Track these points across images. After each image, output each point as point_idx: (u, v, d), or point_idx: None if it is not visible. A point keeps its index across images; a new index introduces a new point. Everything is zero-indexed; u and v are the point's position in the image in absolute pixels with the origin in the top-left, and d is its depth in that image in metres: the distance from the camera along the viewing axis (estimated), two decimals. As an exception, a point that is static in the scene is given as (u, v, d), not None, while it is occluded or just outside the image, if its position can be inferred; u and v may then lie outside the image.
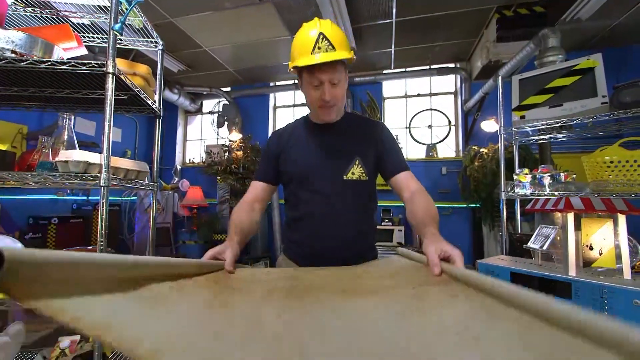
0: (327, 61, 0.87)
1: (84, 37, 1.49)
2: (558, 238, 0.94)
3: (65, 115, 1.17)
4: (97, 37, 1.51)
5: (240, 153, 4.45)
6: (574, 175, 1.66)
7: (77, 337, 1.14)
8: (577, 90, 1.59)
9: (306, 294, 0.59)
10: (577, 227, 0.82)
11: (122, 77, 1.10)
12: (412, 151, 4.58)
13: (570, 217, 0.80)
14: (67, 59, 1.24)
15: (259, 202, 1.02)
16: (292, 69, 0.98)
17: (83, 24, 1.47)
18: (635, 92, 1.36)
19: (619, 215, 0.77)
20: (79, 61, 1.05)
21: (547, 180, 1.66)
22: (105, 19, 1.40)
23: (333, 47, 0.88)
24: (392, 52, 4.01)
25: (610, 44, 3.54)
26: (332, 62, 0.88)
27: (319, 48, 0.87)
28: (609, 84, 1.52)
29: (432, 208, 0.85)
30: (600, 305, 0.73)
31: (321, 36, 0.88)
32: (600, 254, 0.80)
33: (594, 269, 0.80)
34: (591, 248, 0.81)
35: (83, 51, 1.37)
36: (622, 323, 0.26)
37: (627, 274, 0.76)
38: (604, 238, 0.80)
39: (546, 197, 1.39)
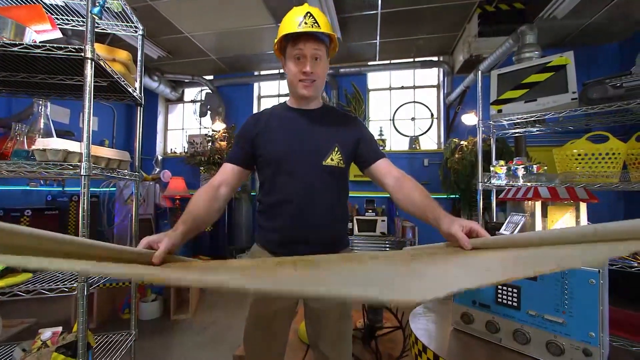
0: (311, 33, 0.92)
1: (57, 19, 1.41)
2: (528, 221, 1.01)
3: (40, 102, 1.12)
4: (71, 19, 1.44)
5: (224, 143, 4.38)
6: (546, 167, 1.76)
7: (59, 329, 1.12)
8: (550, 86, 1.67)
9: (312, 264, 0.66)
10: (544, 214, 0.88)
11: (101, 63, 1.07)
12: (396, 143, 4.66)
13: (538, 205, 0.87)
14: (40, 42, 1.19)
15: (226, 186, 0.97)
16: (275, 47, 1.01)
17: (56, 4, 1.39)
18: (602, 89, 1.45)
19: (581, 203, 0.84)
20: (55, 45, 1.01)
21: (520, 172, 1.75)
22: (81, 0, 1.34)
23: (318, 25, 0.94)
24: (377, 43, 4.02)
25: (583, 43, 3.71)
26: (316, 38, 0.94)
27: (305, 23, 0.92)
28: (581, 81, 1.60)
29: (425, 191, 0.90)
30: (561, 284, 0.80)
31: (308, 14, 0.93)
32: (563, 238, 0.87)
33: (557, 252, 0.88)
34: (555, 233, 0.88)
35: (57, 34, 1.30)
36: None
37: (585, 256, 0.84)
38: (567, 224, 0.87)
39: (517, 187, 1.47)
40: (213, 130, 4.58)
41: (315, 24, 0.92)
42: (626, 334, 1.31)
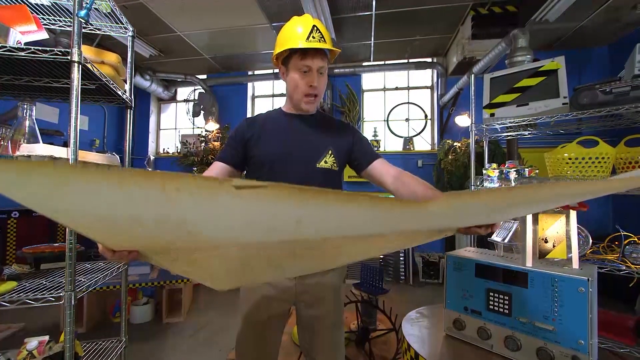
0: (320, 49, 0.94)
1: (43, 19, 1.38)
2: (519, 229, 1.02)
3: (25, 106, 1.09)
4: (59, 19, 1.40)
5: (217, 144, 4.35)
6: (537, 170, 1.78)
7: (46, 338, 1.10)
8: (542, 91, 1.68)
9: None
10: (535, 221, 0.89)
11: (89, 66, 1.04)
12: (390, 144, 4.67)
13: (530, 212, 0.89)
14: (25, 43, 1.16)
15: None
16: (274, 58, 1.02)
17: (42, 4, 1.36)
18: (592, 94, 1.47)
19: (571, 210, 0.85)
20: (40, 48, 0.98)
21: (512, 175, 1.76)
22: (68, 0, 1.30)
23: (324, 40, 0.96)
24: (372, 44, 4.03)
25: (574, 46, 3.76)
26: (323, 52, 0.96)
27: (313, 37, 0.94)
28: (572, 84, 1.62)
29: (426, 182, 0.90)
30: (551, 292, 0.80)
31: (315, 28, 0.95)
32: (554, 246, 0.88)
33: (548, 260, 0.88)
34: (546, 241, 0.89)
35: (43, 35, 1.27)
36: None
37: (575, 264, 0.85)
38: (557, 232, 0.88)
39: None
40: (206, 131, 4.54)
41: (322, 39, 0.95)
42: (614, 335, 1.33)
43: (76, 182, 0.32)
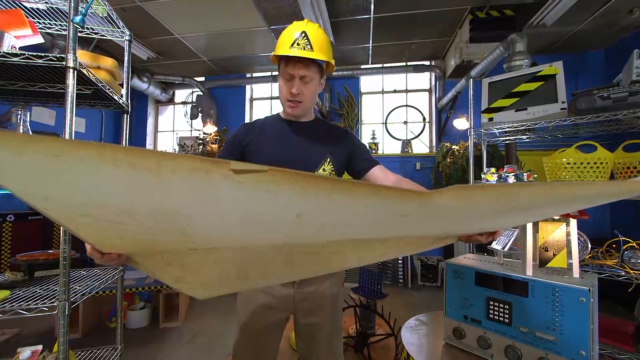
0: (300, 57, 0.92)
1: (39, 23, 1.36)
2: (520, 235, 1.01)
3: (19, 112, 1.08)
4: (55, 23, 1.39)
5: (215, 146, 4.33)
6: (536, 175, 1.78)
7: (39, 347, 1.08)
8: (540, 96, 1.69)
9: None
10: (535, 229, 0.89)
11: (84, 71, 1.03)
12: (388, 147, 4.67)
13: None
14: (19, 48, 1.15)
15: None
16: (272, 56, 1.01)
17: (38, 8, 1.34)
18: (590, 100, 1.47)
19: (571, 219, 0.85)
20: (35, 53, 0.97)
21: (511, 179, 1.76)
22: (64, 4, 1.29)
23: (311, 48, 0.92)
24: (370, 47, 4.03)
25: (571, 49, 3.77)
26: (306, 60, 0.93)
27: (297, 44, 0.92)
28: (569, 87, 1.63)
29: (425, 189, 0.88)
30: (552, 302, 0.80)
31: (303, 34, 0.92)
32: (554, 254, 0.87)
33: (548, 268, 0.88)
34: (546, 249, 0.88)
35: (39, 39, 1.26)
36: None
37: (576, 272, 0.84)
38: (558, 240, 0.87)
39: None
40: (204, 133, 4.52)
41: (308, 46, 0.91)
42: (614, 342, 1.32)
43: (70, 159, 0.30)
